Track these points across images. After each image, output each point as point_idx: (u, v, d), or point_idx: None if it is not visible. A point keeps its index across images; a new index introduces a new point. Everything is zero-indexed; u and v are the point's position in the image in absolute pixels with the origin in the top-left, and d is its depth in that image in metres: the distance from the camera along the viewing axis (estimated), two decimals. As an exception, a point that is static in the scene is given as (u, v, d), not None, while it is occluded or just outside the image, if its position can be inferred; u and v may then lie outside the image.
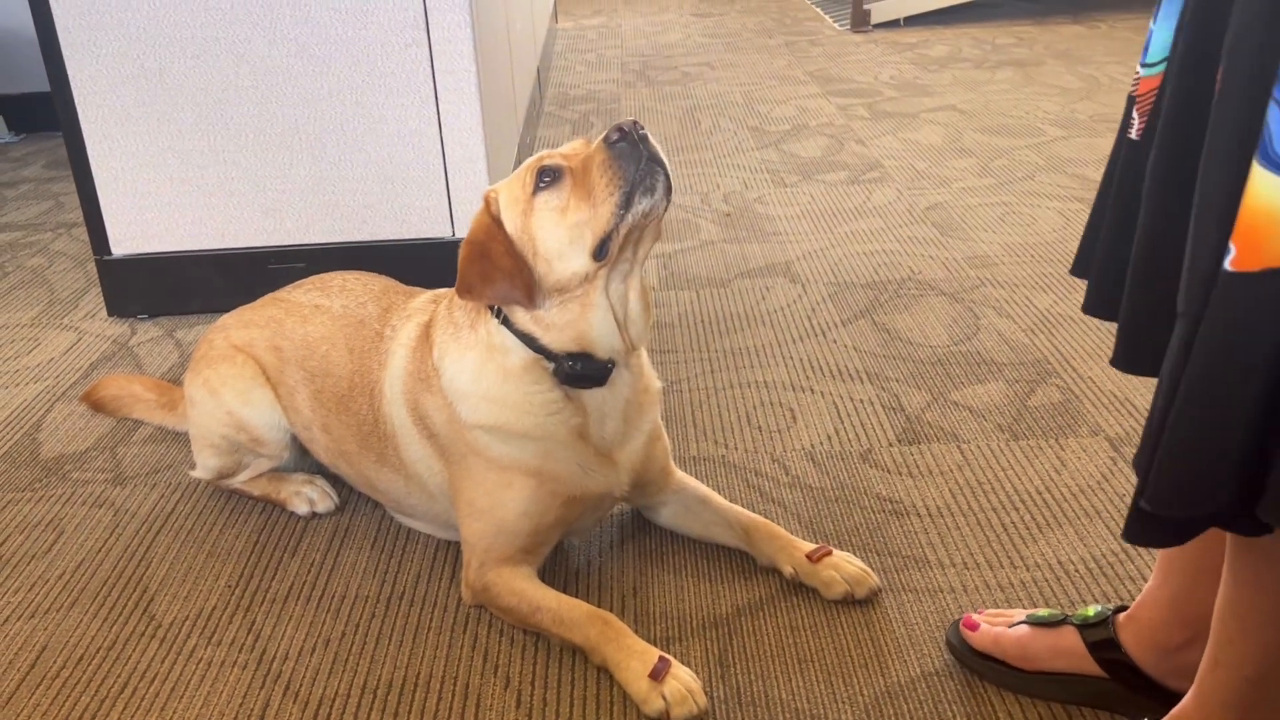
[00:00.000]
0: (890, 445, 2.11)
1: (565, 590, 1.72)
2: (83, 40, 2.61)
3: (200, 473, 2.05)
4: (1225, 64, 0.98)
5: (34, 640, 1.71)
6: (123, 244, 2.81)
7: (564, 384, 1.62)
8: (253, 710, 1.55)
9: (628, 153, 1.50)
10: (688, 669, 1.52)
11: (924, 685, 1.53)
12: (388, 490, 1.88)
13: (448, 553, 1.87)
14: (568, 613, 1.60)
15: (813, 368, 2.43)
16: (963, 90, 4.80)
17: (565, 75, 5.54)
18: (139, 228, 2.79)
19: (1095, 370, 2.33)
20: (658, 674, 1.48)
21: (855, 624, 1.64)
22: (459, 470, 1.70)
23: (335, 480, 2.04)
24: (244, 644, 1.68)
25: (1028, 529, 1.84)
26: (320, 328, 1.92)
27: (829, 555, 1.70)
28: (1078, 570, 1.74)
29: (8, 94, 4.72)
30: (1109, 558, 1.76)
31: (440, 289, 1.88)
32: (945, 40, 5.86)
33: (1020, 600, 1.68)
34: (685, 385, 2.39)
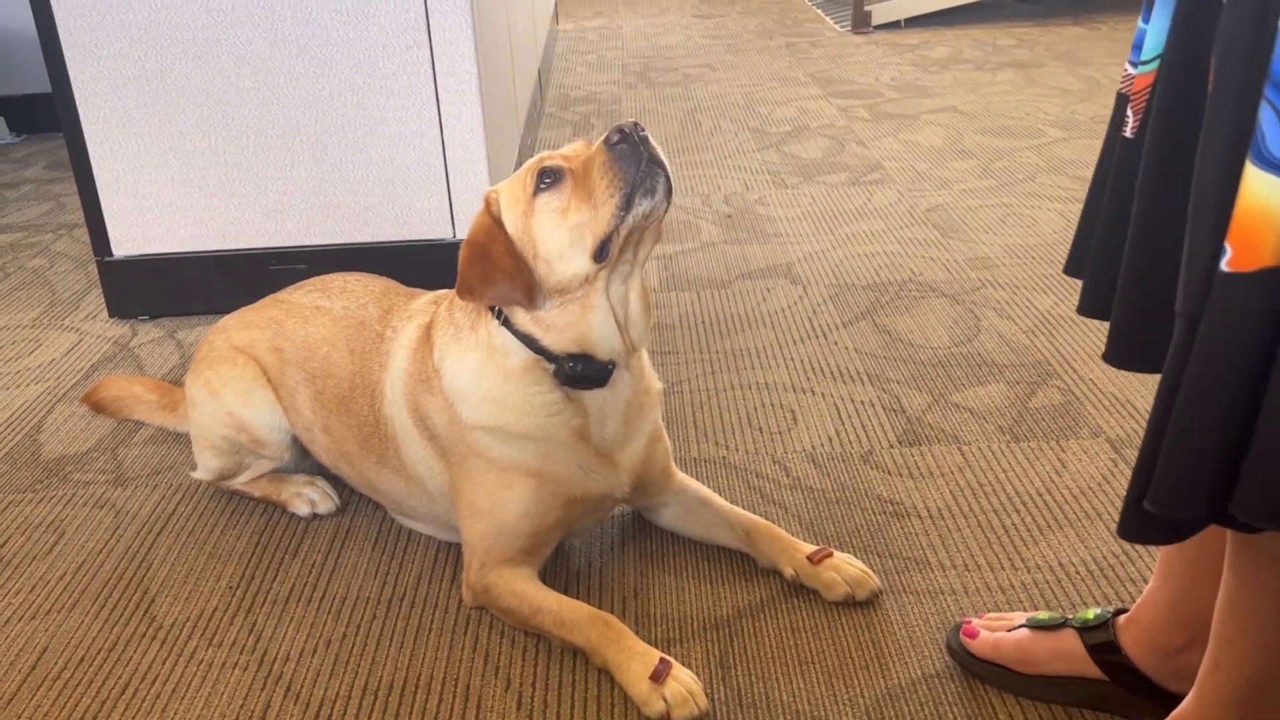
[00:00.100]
0: (891, 447, 2.11)
1: (566, 592, 1.72)
2: (84, 41, 2.61)
3: (201, 474, 2.05)
4: (1216, 63, 0.98)
5: (35, 641, 1.71)
6: (124, 245, 2.81)
7: (564, 385, 1.62)
8: (254, 711, 1.55)
9: (628, 154, 1.50)
10: (689, 670, 1.52)
11: (925, 687, 1.53)
12: (388, 491, 1.88)
13: (449, 554, 1.87)
14: (569, 614, 1.60)
15: (814, 369, 2.43)
16: (963, 92, 4.80)
17: (566, 77, 5.54)
18: (140, 229, 2.79)
19: (1096, 372, 2.33)
20: (659, 676, 1.48)
21: (856, 626, 1.64)
22: (460, 471, 1.70)
23: (336, 481, 2.04)
24: (245, 645, 1.68)
25: (1029, 531, 1.84)
26: (321, 329, 1.92)
27: (830, 557, 1.70)
28: (1079, 572, 1.74)
29: (9, 95, 4.72)
30: (1110, 559, 1.76)
31: (441, 290, 1.88)
32: (946, 42, 5.86)
33: (1021, 602, 1.68)
34: (686, 386, 2.39)
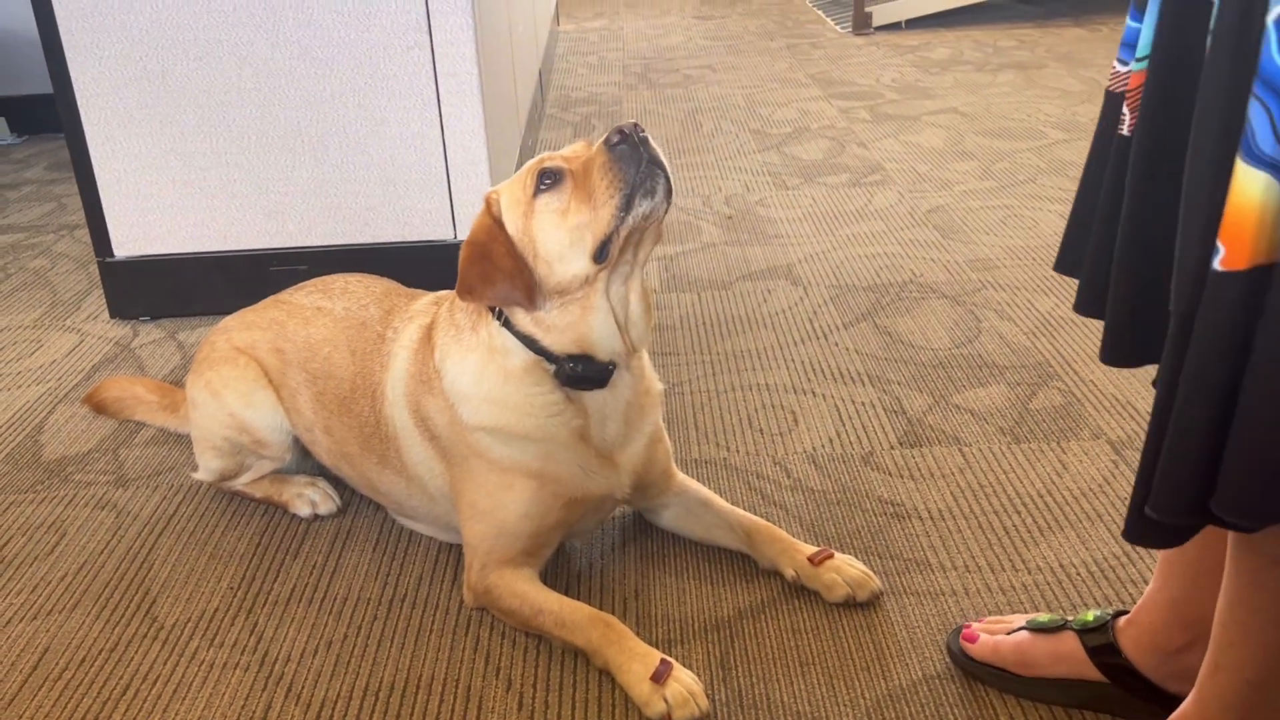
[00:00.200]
0: (892, 448, 2.11)
1: (567, 593, 1.72)
2: (85, 42, 2.61)
3: (202, 475, 2.05)
4: (1207, 59, 0.97)
5: (36, 642, 1.71)
6: (125, 246, 2.81)
7: (565, 386, 1.62)
8: (254, 712, 1.55)
9: (628, 155, 1.50)
10: (689, 671, 1.52)
11: (925, 688, 1.53)
12: (389, 492, 1.88)
13: (450, 555, 1.87)
14: (569, 615, 1.60)
15: (814, 370, 2.43)
16: (964, 93, 4.80)
17: (567, 78, 5.55)
18: (141, 229, 2.79)
19: (1097, 373, 2.33)
20: (659, 676, 1.48)
21: (857, 627, 1.64)
22: (460, 472, 1.70)
23: (337, 482, 2.04)
24: (246, 646, 1.68)
25: (1029, 532, 1.84)
26: (322, 330, 1.93)
27: (830, 558, 1.70)
28: (1079, 573, 1.74)
29: (10, 96, 4.72)
30: (1111, 561, 1.76)
31: (442, 291, 1.88)
32: (947, 43, 5.87)
33: (1022, 603, 1.68)
34: (687, 388, 2.39)
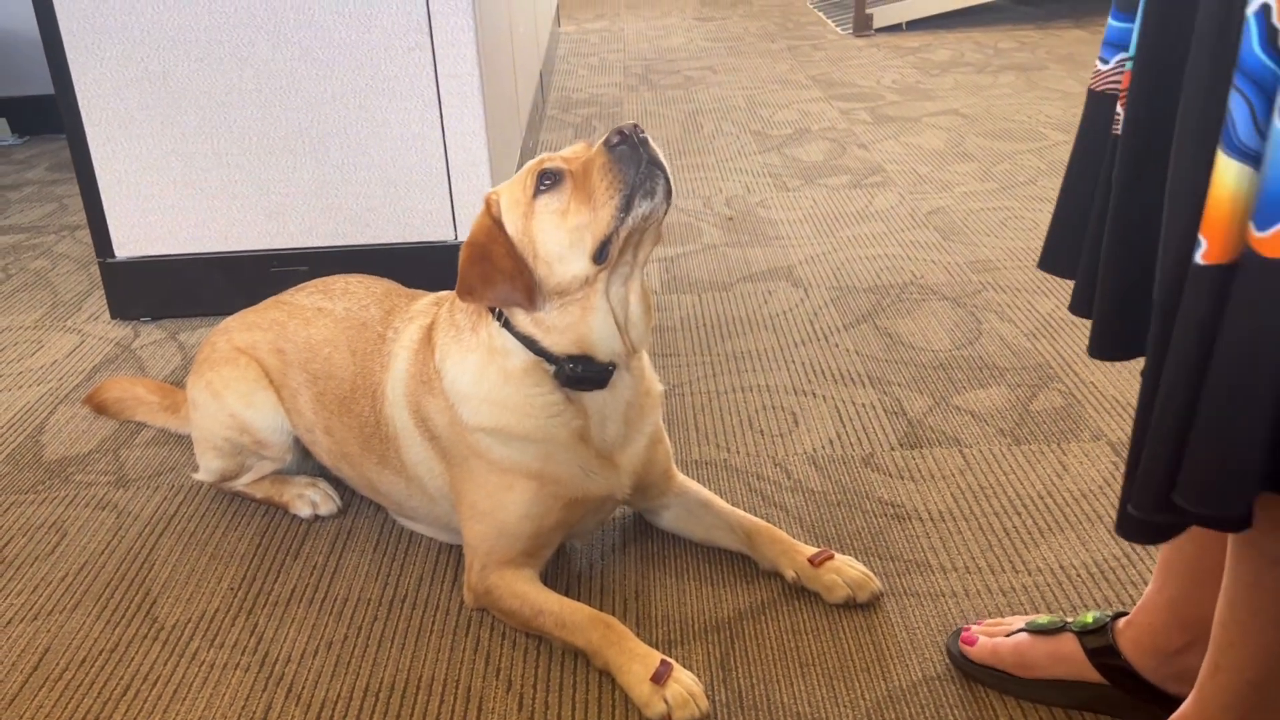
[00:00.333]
0: (892, 449, 2.11)
1: (567, 593, 1.72)
2: (87, 43, 2.62)
3: (203, 475, 2.05)
4: (1191, 56, 0.97)
5: (37, 642, 1.71)
6: (126, 246, 2.81)
7: (565, 386, 1.62)
8: (255, 713, 1.55)
9: (628, 156, 1.50)
10: (689, 672, 1.52)
11: (925, 689, 1.53)
12: (389, 493, 1.88)
13: (450, 556, 1.87)
14: (570, 616, 1.60)
15: (815, 372, 2.43)
16: (965, 95, 4.80)
17: (568, 79, 5.55)
18: (142, 230, 2.79)
19: (1098, 375, 2.33)
20: (660, 677, 1.48)
21: (857, 628, 1.64)
22: (461, 473, 1.70)
23: (337, 483, 2.04)
24: (246, 646, 1.68)
25: (1030, 534, 1.84)
26: (323, 330, 1.93)
27: (831, 559, 1.70)
28: (1079, 575, 1.74)
29: (11, 96, 4.72)
30: (1111, 563, 1.76)
31: (442, 292, 1.88)
32: (947, 45, 5.87)
33: (1022, 604, 1.68)
34: (687, 389, 2.39)
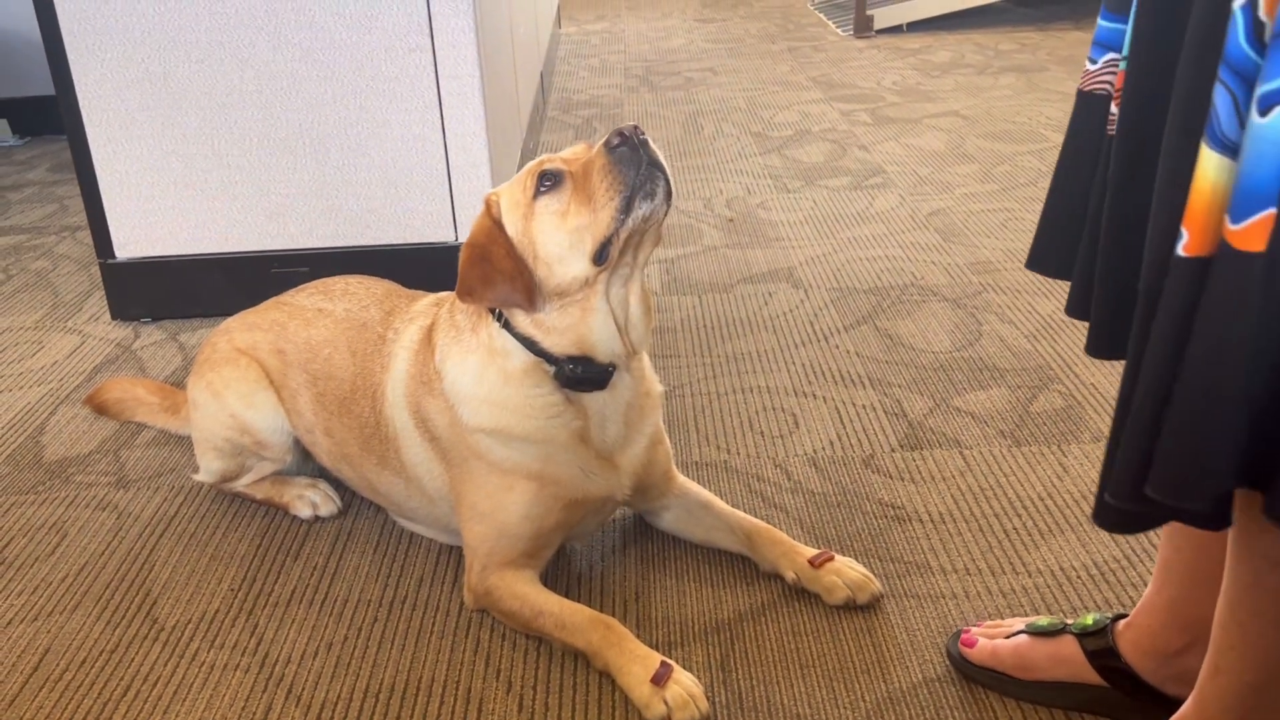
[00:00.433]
0: (892, 451, 2.11)
1: (567, 595, 1.72)
2: (88, 44, 2.62)
3: (203, 476, 2.05)
4: (1183, 54, 0.97)
5: (37, 643, 1.72)
6: (127, 247, 2.82)
7: (565, 387, 1.62)
8: (255, 713, 1.55)
9: (628, 157, 1.50)
10: (689, 674, 1.51)
11: (925, 691, 1.53)
12: (389, 493, 1.88)
13: (450, 557, 1.87)
14: (570, 617, 1.60)
15: (815, 373, 2.43)
16: (965, 96, 4.80)
17: (568, 80, 5.55)
18: (143, 231, 2.80)
19: (1098, 376, 2.33)
20: (659, 679, 1.48)
21: (857, 629, 1.64)
22: (461, 473, 1.70)
23: (338, 484, 2.04)
24: (246, 647, 1.68)
25: (1030, 535, 1.84)
26: (323, 331, 1.93)
27: (831, 560, 1.70)
28: (1080, 576, 1.74)
29: (12, 97, 4.73)
30: (1111, 564, 1.76)
31: (443, 293, 1.88)
32: (948, 46, 5.87)
33: (1023, 606, 1.68)
34: (687, 390, 2.39)
